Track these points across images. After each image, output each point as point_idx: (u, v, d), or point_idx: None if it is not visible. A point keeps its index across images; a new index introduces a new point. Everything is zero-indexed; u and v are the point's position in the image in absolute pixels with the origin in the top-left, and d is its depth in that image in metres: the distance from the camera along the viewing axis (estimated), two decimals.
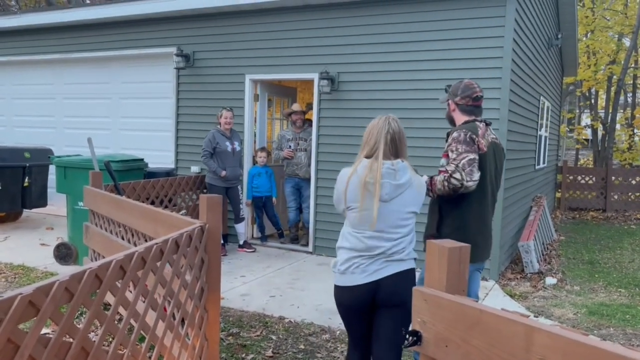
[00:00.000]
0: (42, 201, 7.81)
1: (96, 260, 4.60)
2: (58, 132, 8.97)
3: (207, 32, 7.24)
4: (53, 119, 9.01)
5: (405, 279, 2.51)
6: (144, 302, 2.36)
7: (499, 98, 5.60)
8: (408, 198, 2.51)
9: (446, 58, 5.84)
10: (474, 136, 2.86)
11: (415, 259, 2.60)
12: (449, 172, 2.81)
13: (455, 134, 2.87)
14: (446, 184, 2.82)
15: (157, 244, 2.31)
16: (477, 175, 2.81)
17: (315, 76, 6.49)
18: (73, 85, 8.75)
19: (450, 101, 3.11)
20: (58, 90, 8.94)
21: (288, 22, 6.65)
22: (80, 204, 5.54)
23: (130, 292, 2.30)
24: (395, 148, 2.57)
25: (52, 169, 7.96)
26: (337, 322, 4.31)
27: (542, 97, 8.41)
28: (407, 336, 1.61)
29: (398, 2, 6.03)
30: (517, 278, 5.97)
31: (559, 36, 8.74)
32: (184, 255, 2.57)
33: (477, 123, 3.00)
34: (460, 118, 3.04)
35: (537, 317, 4.58)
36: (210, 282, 2.91)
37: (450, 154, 2.86)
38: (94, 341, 1.86)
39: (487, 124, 3.07)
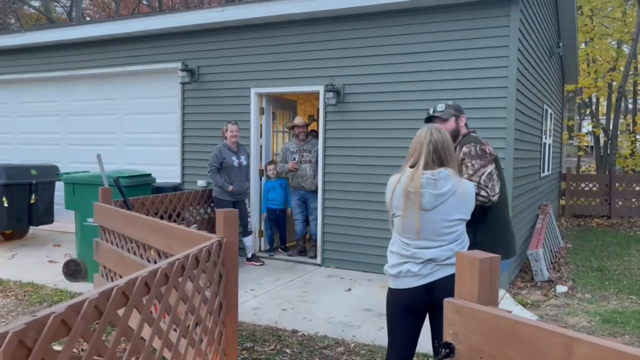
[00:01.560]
0: (48, 218, 7.80)
1: (107, 276, 4.59)
2: (63, 148, 8.99)
3: (212, 47, 7.29)
4: (58, 135, 9.04)
5: None
6: (164, 322, 2.36)
7: (505, 107, 5.62)
8: (452, 206, 2.54)
9: (452, 68, 5.86)
10: (484, 147, 2.97)
11: None
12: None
13: (465, 149, 2.97)
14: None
15: (178, 259, 2.31)
16: (498, 188, 2.94)
17: (320, 88, 6.52)
18: (78, 102, 8.78)
19: (462, 116, 3.24)
20: (63, 107, 8.97)
21: (293, 35, 6.70)
22: (90, 220, 5.54)
23: (152, 310, 2.30)
24: (439, 157, 2.60)
25: (58, 185, 7.98)
26: (350, 335, 4.29)
27: (545, 105, 8.45)
28: (440, 348, 1.61)
29: (402, 14, 6.08)
30: (528, 287, 5.95)
31: (561, 44, 8.79)
32: (203, 270, 2.56)
33: (472, 134, 3.18)
34: (464, 131, 3.21)
35: None
36: (228, 297, 2.90)
37: (464, 169, 2.92)
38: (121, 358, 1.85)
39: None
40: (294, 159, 6.93)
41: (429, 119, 3.18)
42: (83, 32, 8.24)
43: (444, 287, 2.49)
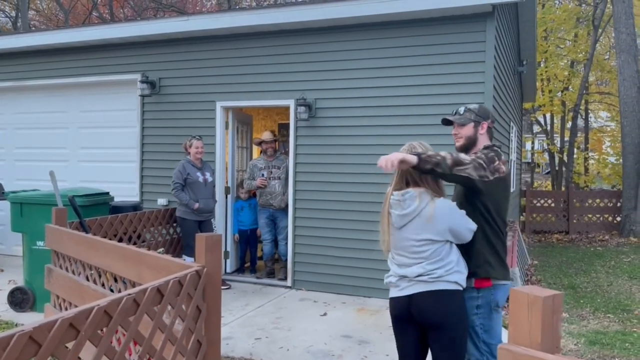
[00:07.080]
0: None
1: (62, 307, 4.11)
2: (8, 164, 8.31)
3: (175, 58, 6.91)
4: (2, 150, 8.35)
5: (440, 299, 2.52)
6: None
7: None
8: (417, 227, 2.56)
9: (428, 84, 5.72)
10: (499, 162, 2.71)
11: (456, 282, 2.57)
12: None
13: (479, 153, 2.71)
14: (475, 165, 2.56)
15: (155, 287, 1.96)
16: (500, 171, 2.65)
17: (291, 102, 6.25)
18: (25, 115, 8.16)
19: (483, 123, 2.90)
20: (8, 120, 8.31)
21: (262, 47, 6.42)
22: (40, 243, 5.04)
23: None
24: (412, 177, 2.57)
25: (1, 205, 7.34)
26: None
27: (511, 123, 8.48)
28: None
29: (376, 28, 5.91)
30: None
31: (525, 63, 8.89)
32: (184, 306, 2.22)
33: (495, 148, 2.87)
34: (484, 141, 2.89)
35: None
36: (210, 335, 2.55)
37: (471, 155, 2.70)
38: None
39: None
40: (263, 175, 6.61)
41: (448, 123, 2.95)
42: (32, 40, 7.68)
43: (419, 302, 2.55)
